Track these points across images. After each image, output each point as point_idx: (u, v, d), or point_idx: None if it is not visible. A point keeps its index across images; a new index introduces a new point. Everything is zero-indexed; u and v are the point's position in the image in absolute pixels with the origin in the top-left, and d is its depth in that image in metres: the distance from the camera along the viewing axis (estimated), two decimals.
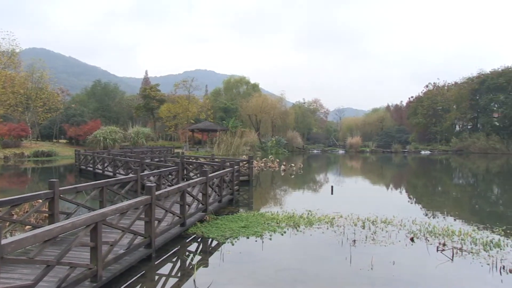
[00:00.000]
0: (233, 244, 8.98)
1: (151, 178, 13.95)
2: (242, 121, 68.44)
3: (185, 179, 18.70)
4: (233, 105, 71.61)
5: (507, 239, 9.74)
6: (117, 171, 21.64)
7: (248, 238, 9.52)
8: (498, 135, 65.14)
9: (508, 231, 10.69)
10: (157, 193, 8.05)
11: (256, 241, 9.31)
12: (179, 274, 7.31)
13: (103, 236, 6.17)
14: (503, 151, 62.53)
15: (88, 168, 26.54)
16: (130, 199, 8.11)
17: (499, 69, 69.61)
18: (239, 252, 8.46)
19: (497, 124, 69.61)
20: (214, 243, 9.17)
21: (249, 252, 8.50)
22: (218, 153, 45.43)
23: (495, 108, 71.03)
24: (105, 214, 6.19)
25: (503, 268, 7.56)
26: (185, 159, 21.53)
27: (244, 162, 22.26)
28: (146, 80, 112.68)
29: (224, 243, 9.07)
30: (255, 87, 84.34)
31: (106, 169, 23.79)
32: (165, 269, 7.47)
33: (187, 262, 7.76)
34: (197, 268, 7.20)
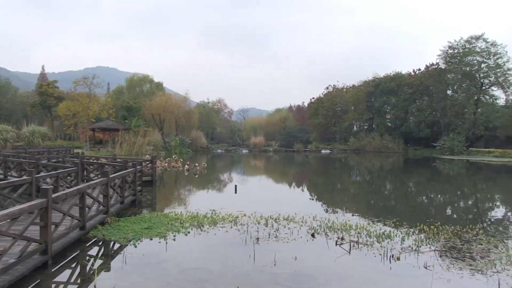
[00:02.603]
0: (136, 246, 8.77)
1: (48, 180, 13.19)
2: (145, 120, 66.83)
3: (85, 180, 17.89)
4: (136, 104, 69.72)
5: (397, 230, 10.53)
6: (9, 173, 20.12)
7: (151, 239, 9.35)
8: (391, 135, 69.84)
9: (398, 223, 11.54)
10: (54, 195, 7.63)
11: (159, 242, 9.17)
12: (78, 281, 6.98)
13: None
14: (394, 150, 67.13)
15: None
16: (23, 203, 7.60)
17: (391, 74, 74.76)
18: (142, 254, 8.28)
19: (390, 124, 74.85)
20: (116, 245, 8.90)
21: (153, 253, 8.35)
22: (120, 153, 43.91)
23: (387, 110, 76.21)
24: None
25: (392, 256, 8.19)
26: (85, 160, 20.61)
27: (147, 162, 21.83)
28: (42, 76, 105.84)
29: (127, 245, 8.82)
30: (159, 86, 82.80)
31: None
32: (63, 276, 7.09)
33: (88, 267, 7.44)
34: (98, 273, 6.94)
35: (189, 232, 10.07)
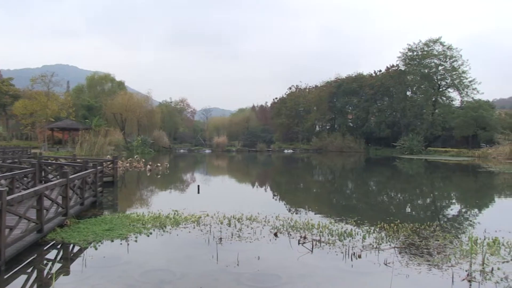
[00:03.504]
0: (96, 249, 8.58)
1: (2, 181, 12.77)
2: (106, 120, 65.61)
3: (43, 182, 17.41)
4: (97, 103, 68.30)
5: (358, 229, 10.71)
6: None
7: (112, 241, 9.18)
8: (352, 134, 70.98)
9: (359, 221, 11.73)
10: (8, 198, 7.37)
11: (121, 244, 9.02)
12: (35, 286, 6.75)
13: None
14: (356, 149, 68.22)
15: None
16: None
17: (353, 75, 75.93)
18: (103, 256, 8.12)
19: (351, 124, 76.12)
20: (76, 248, 8.68)
21: (114, 255, 8.20)
22: (80, 153, 43.02)
23: (349, 110, 77.38)
24: None
25: (354, 254, 8.33)
26: (43, 160, 20.05)
27: (109, 163, 21.43)
28: None
29: (87, 248, 8.62)
30: (120, 84, 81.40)
31: None
32: (18, 282, 6.82)
33: (45, 272, 7.23)
34: (56, 278, 6.73)
35: (151, 233, 9.95)
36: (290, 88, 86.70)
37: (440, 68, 64.78)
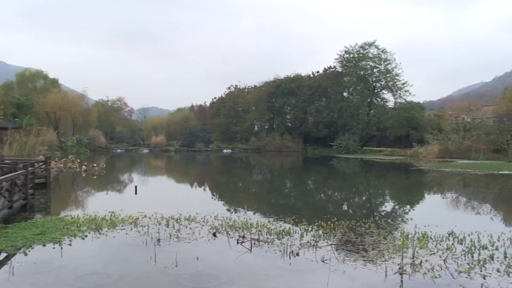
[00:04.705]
0: (26, 254, 8.17)
1: None
2: (38, 119, 62.76)
3: None
4: (28, 101, 65.19)
5: (296, 227, 10.88)
6: None
7: (44, 245, 8.80)
8: (290, 134, 72.01)
9: (297, 220, 11.90)
10: None
11: (54, 248, 8.67)
12: None
13: None
14: (294, 149, 69.32)
15: None
16: None
17: (291, 76, 77.00)
18: (33, 262, 7.75)
19: (290, 124, 77.29)
20: (3, 255, 8.21)
21: (46, 260, 7.86)
22: (9, 154, 40.91)
23: (288, 110, 78.57)
24: None
25: (292, 252, 8.45)
26: None
27: (41, 163, 20.54)
28: None
29: (15, 254, 8.18)
30: (54, 82, 78.01)
31: None
32: None
33: None
34: None
35: (86, 236, 9.64)
36: (229, 88, 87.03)
37: (375, 70, 67.40)
